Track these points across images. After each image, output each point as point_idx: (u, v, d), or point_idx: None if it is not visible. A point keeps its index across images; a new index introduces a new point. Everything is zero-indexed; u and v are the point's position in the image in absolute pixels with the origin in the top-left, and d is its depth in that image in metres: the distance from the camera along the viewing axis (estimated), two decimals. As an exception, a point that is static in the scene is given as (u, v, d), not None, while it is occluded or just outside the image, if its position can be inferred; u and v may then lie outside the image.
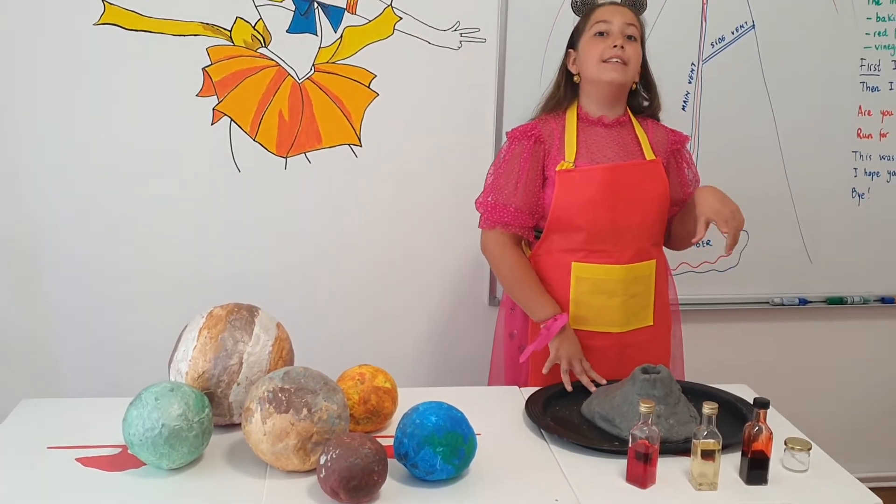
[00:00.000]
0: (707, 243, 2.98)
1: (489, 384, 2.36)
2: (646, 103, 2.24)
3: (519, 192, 2.14)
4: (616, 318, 2.16)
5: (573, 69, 2.19)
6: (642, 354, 2.14)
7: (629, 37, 2.11)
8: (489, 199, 2.17)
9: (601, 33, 2.11)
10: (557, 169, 2.12)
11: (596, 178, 2.11)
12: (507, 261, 2.17)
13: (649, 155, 2.17)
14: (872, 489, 1.66)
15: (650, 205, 2.15)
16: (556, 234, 2.16)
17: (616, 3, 2.17)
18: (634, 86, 2.19)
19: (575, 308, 2.16)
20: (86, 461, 1.70)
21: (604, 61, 2.09)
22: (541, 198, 2.15)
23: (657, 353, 2.21)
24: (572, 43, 2.21)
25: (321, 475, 1.54)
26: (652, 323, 2.21)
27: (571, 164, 2.12)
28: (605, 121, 2.18)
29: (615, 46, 2.08)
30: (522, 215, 2.15)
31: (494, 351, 2.40)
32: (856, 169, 3.00)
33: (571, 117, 2.18)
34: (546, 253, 2.19)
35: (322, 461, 1.54)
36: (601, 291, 2.14)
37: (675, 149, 2.24)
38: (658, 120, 2.28)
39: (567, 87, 2.21)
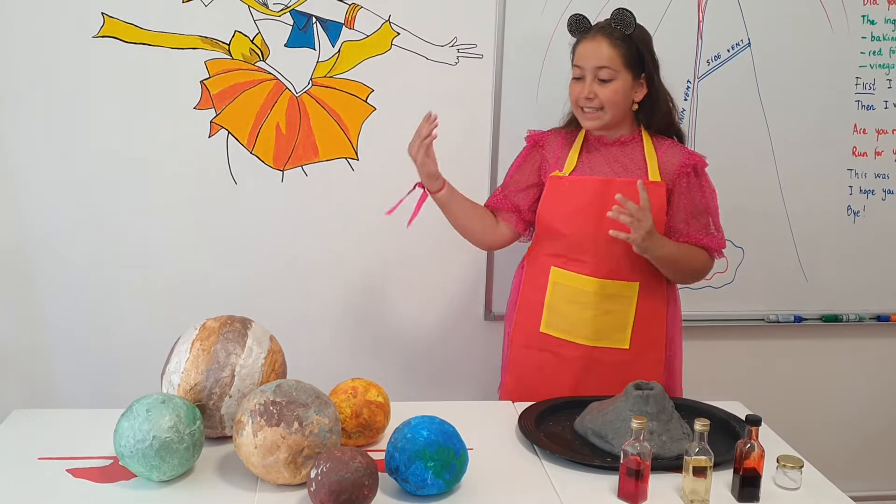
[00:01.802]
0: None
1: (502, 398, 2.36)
2: (649, 115, 2.23)
3: (511, 184, 2.32)
4: (586, 331, 2.18)
5: None
6: (612, 375, 2.15)
7: (602, 80, 2.12)
8: (497, 190, 2.38)
9: (578, 77, 2.17)
10: (550, 175, 2.24)
11: (584, 188, 2.18)
12: None
13: (653, 176, 2.17)
14: (867, 509, 1.66)
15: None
16: (544, 238, 2.26)
17: (598, 33, 2.15)
18: (636, 106, 2.20)
19: (548, 313, 2.23)
20: (76, 472, 1.70)
21: (579, 107, 2.17)
22: (533, 199, 2.29)
23: (630, 378, 2.10)
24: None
25: (311, 489, 1.54)
26: (627, 347, 2.19)
27: (567, 172, 2.21)
28: (604, 140, 2.22)
29: (585, 98, 2.14)
30: (508, 201, 2.31)
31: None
32: (851, 187, 3.00)
33: (581, 134, 2.26)
34: (534, 256, 2.30)
35: (312, 475, 1.54)
36: (574, 301, 2.19)
37: (683, 172, 2.19)
38: (680, 138, 2.27)
39: None
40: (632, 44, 2.13)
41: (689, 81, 2.85)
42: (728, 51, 2.85)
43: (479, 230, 2.32)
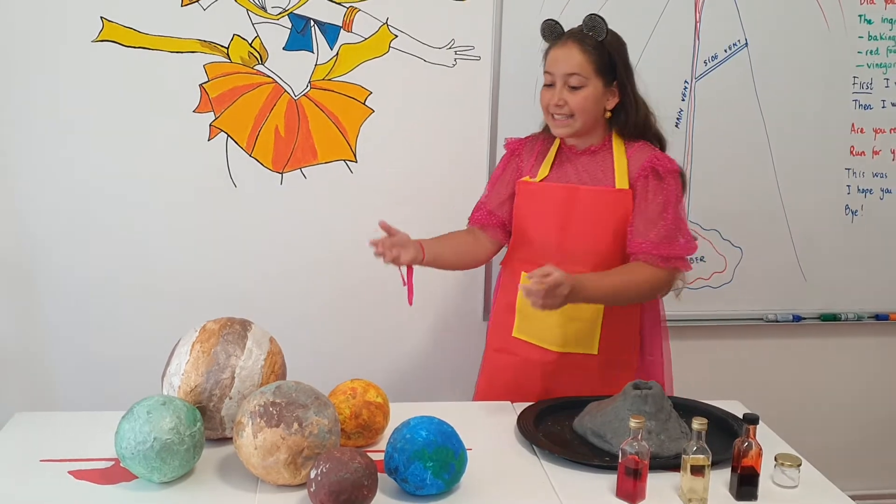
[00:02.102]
0: (701, 259, 2.99)
1: (475, 398, 2.37)
2: (623, 124, 2.17)
3: (492, 196, 2.31)
4: (554, 338, 2.17)
5: None
6: (582, 380, 2.15)
7: (572, 87, 2.09)
8: (478, 203, 2.34)
9: (548, 84, 2.14)
10: (519, 181, 2.25)
11: (550, 195, 2.18)
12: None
13: (620, 183, 2.12)
14: (867, 508, 1.67)
15: (604, 233, 2.12)
16: (516, 243, 2.27)
17: (568, 39, 2.13)
18: (608, 113, 2.15)
19: (520, 318, 2.23)
20: (78, 474, 1.71)
21: (550, 114, 2.15)
22: (510, 207, 2.28)
23: (602, 384, 2.14)
24: None
25: (311, 489, 1.54)
26: (596, 353, 2.17)
27: (536, 181, 2.21)
28: (575, 150, 2.19)
29: (555, 105, 2.11)
30: (493, 217, 2.28)
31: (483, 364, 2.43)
32: (849, 186, 3.01)
33: (557, 142, 2.24)
34: (508, 260, 2.31)
35: (312, 475, 1.55)
36: None
37: (642, 174, 2.12)
38: (658, 142, 2.22)
39: None
40: (604, 50, 2.11)
41: (686, 82, 2.86)
42: (725, 51, 2.85)
43: (468, 260, 2.33)
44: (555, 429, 1.95)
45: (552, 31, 2.18)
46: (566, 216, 2.13)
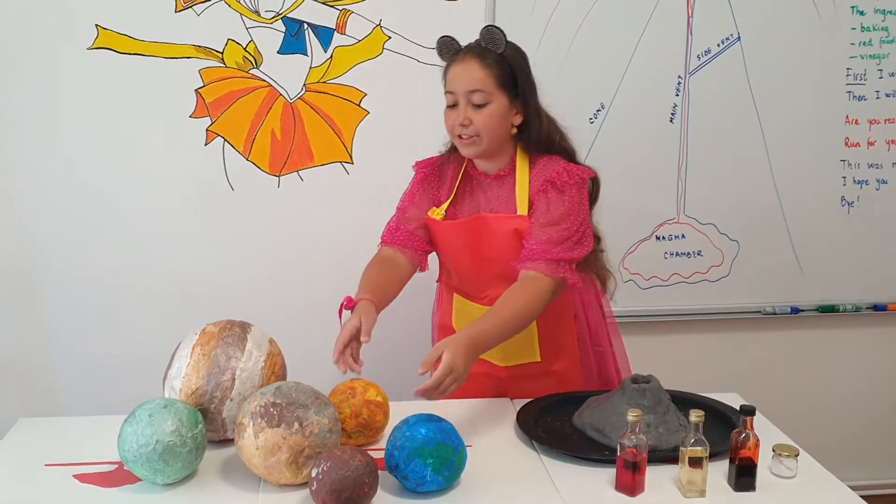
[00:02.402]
0: (698, 253, 3.00)
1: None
2: (527, 141, 2.07)
3: (411, 220, 2.16)
4: (494, 354, 2.11)
5: None
6: (532, 387, 2.13)
7: (476, 105, 1.98)
8: (391, 222, 2.20)
9: (451, 104, 2.02)
10: (428, 215, 2.14)
11: (456, 230, 2.10)
12: (367, 266, 2.16)
13: (521, 209, 2.03)
14: (865, 497, 1.67)
15: (511, 257, 2.02)
16: (443, 268, 2.24)
17: (467, 55, 2.00)
18: (515, 129, 2.05)
19: None
20: (82, 477, 1.72)
21: (456, 135, 2.03)
22: (426, 233, 2.17)
23: (550, 386, 2.13)
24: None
25: (312, 488, 1.56)
26: (539, 360, 2.15)
27: (442, 213, 2.12)
28: (484, 177, 2.11)
29: (460, 124, 1.99)
30: (413, 238, 2.15)
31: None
32: (844, 178, 3.02)
33: (462, 168, 2.14)
34: (441, 281, 2.28)
35: (314, 474, 1.56)
36: None
37: (541, 189, 2.02)
38: (567, 155, 2.10)
39: None
40: (504, 64, 1.99)
41: (680, 77, 2.87)
42: (718, 45, 2.87)
43: (399, 288, 2.16)
44: (554, 424, 1.95)
45: (449, 48, 2.05)
46: (476, 247, 2.07)
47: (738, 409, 1.93)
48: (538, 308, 1.95)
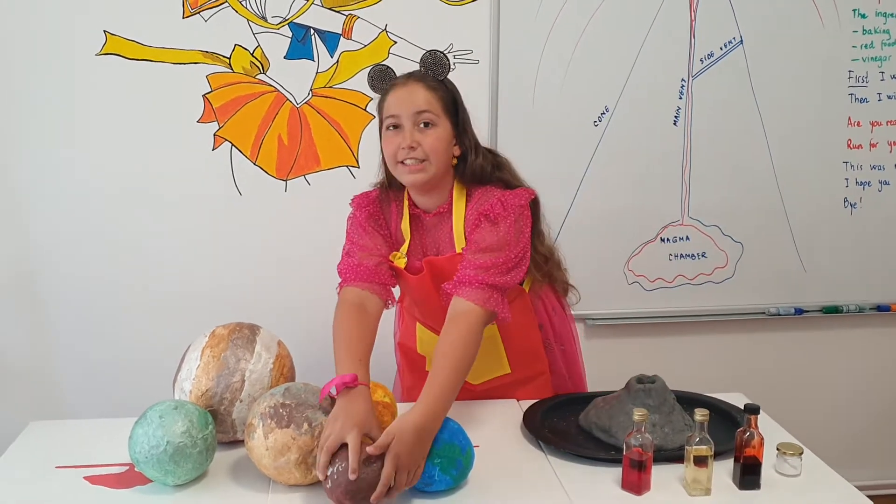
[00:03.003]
0: (703, 255, 3.02)
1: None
2: (462, 172, 1.99)
3: (366, 258, 2.02)
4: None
5: None
6: (506, 396, 2.15)
7: (424, 123, 1.89)
8: (346, 259, 2.07)
9: (393, 126, 1.92)
10: (391, 259, 2.04)
11: (412, 281, 2.04)
12: (339, 316, 1.99)
13: (459, 246, 1.96)
14: (870, 496, 1.67)
15: None
16: (405, 295, 2.21)
17: (409, 79, 1.94)
18: (454, 160, 1.97)
19: (427, 363, 2.15)
20: (93, 479, 1.74)
21: (399, 162, 1.91)
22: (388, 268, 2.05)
23: (524, 394, 2.15)
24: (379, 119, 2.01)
25: (328, 486, 1.57)
26: (509, 371, 2.15)
27: (404, 257, 2.03)
28: (426, 216, 2.03)
29: (407, 147, 1.88)
30: (377, 273, 2.01)
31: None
32: (847, 179, 3.03)
33: (405, 207, 2.05)
34: (403, 310, 2.26)
35: (330, 472, 1.57)
36: None
37: (474, 224, 1.93)
38: (506, 184, 2.01)
39: (391, 177, 2.02)
40: (447, 89, 1.95)
41: (683, 80, 2.89)
42: (721, 49, 2.88)
43: (374, 340, 1.99)
44: (560, 424, 1.97)
45: (385, 76, 1.97)
46: (433, 288, 1.98)
47: (742, 408, 1.95)
48: (474, 346, 1.82)
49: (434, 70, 1.95)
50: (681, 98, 2.90)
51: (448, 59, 1.95)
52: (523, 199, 1.95)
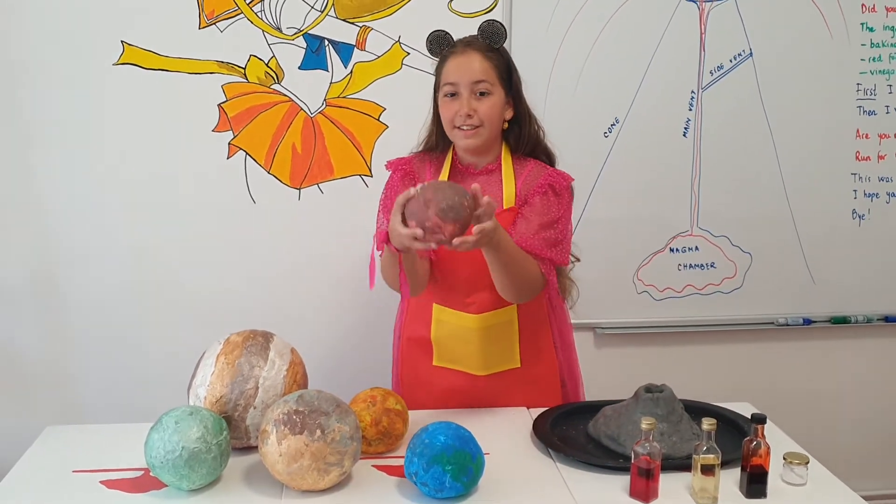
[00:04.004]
0: (711, 265, 3.03)
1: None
2: (517, 137, 2.10)
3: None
4: (475, 363, 2.13)
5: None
6: (509, 393, 2.15)
7: (480, 93, 2.00)
8: (379, 227, 2.11)
9: (451, 94, 2.02)
10: None
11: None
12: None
13: (508, 203, 2.06)
14: (877, 508, 1.69)
15: None
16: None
17: (467, 48, 2.03)
18: (506, 124, 2.08)
19: (437, 348, 2.15)
20: (109, 483, 1.76)
21: (456, 127, 2.02)
22: None
23: (529, 393, 2.16)
24: (435, 82, 2.10)
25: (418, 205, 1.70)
26: (519, 365, 2.15)
27: None
28: (472, 170, 2.11)
29: (465, 115, 1.98)
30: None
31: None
32: (855, 191, 3.05)
33: (447, 163, 2.12)
34: (410, 300, 2.20)
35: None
36: (458, 337, 2.12)
37: (539, 190, 2.05)
38: (548, 157, 2.14)
39: (439, 135, 2.13)
40: (502, 58, 2.05)
41: (693, 92, 2.91)
42: (730, 61, 2.90)
43: (423, 283, 2.10)
44: (569, 433, 1.98)
45: (443, 42, 2.07)
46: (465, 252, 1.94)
47: (749, 417, 1.96)
48: (532, 280, 1.99)
49: (491, 39, 2.04)
50: (690, 109, 2.92)
51: (505, 29, 2.04)
52: (571, 181, 2.10)
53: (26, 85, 2.69)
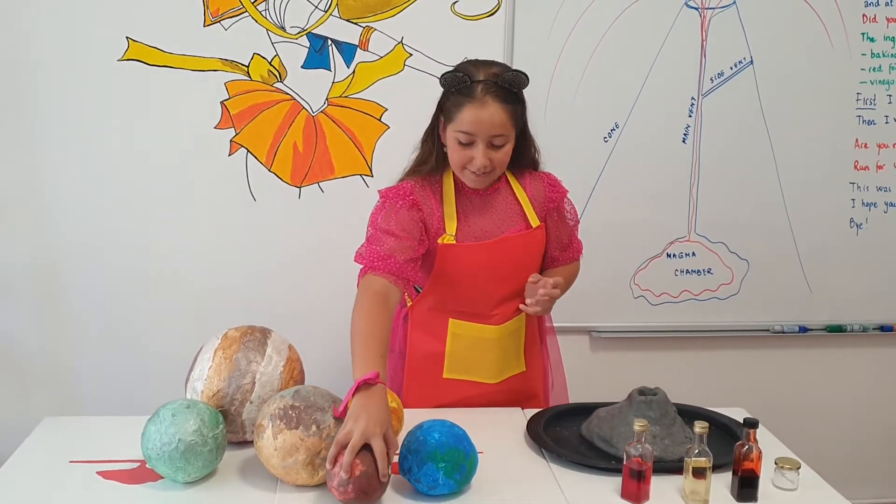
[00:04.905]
0: (708, 271, 3.04)
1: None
2: (515, 164, 2.11)
3: (401, 249, 1.98)
4: (491, 372, 2.15)
5: (444, 140, 2.04)
6: (509, 399, 2.19)
7: (495, 146, 1.97)
8: (374, 247, 2.00)
9: (466, 143, 1.96)
10: (439, 242, 2.04)
11: (477, 254, 2.06)
12: (363, 304, 1.93)
13: (534, 221, 2.11)
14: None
15: (527, 271, 2.09)
16: (434, 295, 2.12)
17: (486, 96, 1.93)
18: None
19: (450, 361, 2.15)
20: (106, 474, 1.76)
21: (467, 168, 2.00)
22: (420, 261, 2.05)
23: (530, 395, 2.23)
24: (442, 109, 2.05)
25: (346, 487, 1.57)
26: (525, 369, 2.21)
27: (453, 238, 2.05)
28: (479, 191, 2.09)
29: (481, 164, 1.96)
30: (406, 268, 1.98)
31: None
32: (853, 200, 3.06)
33: (448, 185, 2.08)
34: (425, 307, 2.15)
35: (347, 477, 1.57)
36: (476, 348, 2.13)
37: (550, 208, 2.16)
38: (535, 166, 2.19)
39: (439, 157, 2.07)
40: (519, 102, 2.00)
41: (693, 98, 2.92)
42: (731, 68, 2.92)
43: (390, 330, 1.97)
44: (563, 433, 1.99)
45: (463, 84, 1.96)
46: (494, 268, 2.07)
47: (742, 422, 1.97)
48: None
49: (515, 87, 1.98)
50: (690, 116, 2.93)
51: (527, 78, 1.98)
52: (566, 189, 2.24)
53: (30, 80, 2.70)
